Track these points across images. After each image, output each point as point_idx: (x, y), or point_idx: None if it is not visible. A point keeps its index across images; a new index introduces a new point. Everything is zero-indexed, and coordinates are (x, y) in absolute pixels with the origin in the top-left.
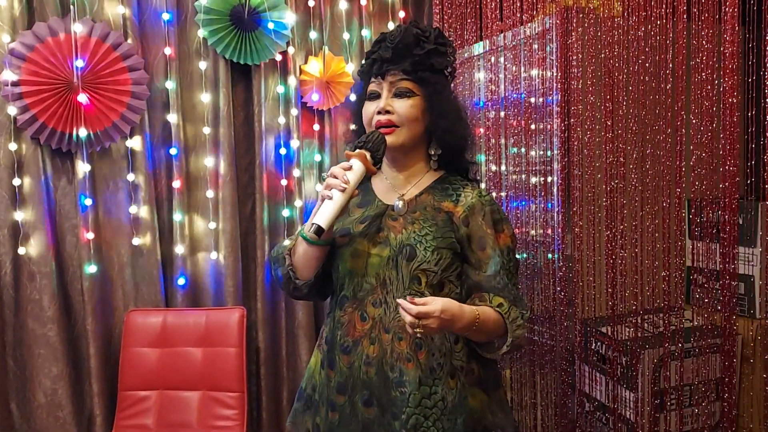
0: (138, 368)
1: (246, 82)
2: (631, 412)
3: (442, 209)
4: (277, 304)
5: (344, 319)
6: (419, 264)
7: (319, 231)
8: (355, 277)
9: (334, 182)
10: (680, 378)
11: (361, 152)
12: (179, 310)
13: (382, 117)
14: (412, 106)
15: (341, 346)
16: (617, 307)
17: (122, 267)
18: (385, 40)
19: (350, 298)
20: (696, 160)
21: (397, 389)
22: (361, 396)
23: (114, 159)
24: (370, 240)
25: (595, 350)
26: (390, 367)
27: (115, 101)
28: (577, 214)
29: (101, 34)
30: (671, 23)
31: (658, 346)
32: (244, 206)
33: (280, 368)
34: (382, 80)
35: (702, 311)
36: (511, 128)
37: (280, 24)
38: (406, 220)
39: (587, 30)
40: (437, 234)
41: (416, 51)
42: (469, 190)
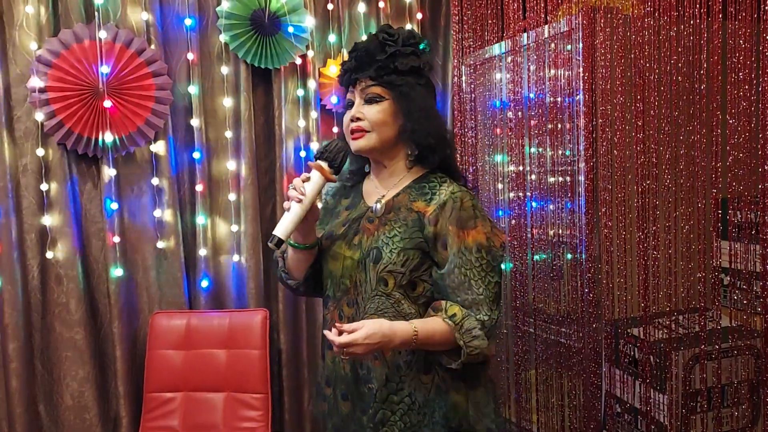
0: (163, 370)
1: (266, 86)
2: (662, 415)
3: (413, 209)
4: (298, 306)
5: (328, 317)
6: (385, 266)
7: (278, 243)
8: (334, 279)
9: (292, 194)
10: (718, 379)
11: (317, 163)
12: (203, 312)
13: (353, 124)
14: (380, 111)
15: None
16: (649, 308)
17: (147, 270)
18: (354, 50)
19: (332, 297)
20: (733, 160)
21: (365, 385)
22: (340, 390)
23: (138, 163)
24: (347, 243)
25: (625, 352)
26: (359, 364)
27: (140, 106)
28: (605, 215)
29: (125, 40)
30: (706, 23)
31: (690, 348)
32: (264, 209)
33: (301, 369)
34: (353, 89)
35: (741, 314)
36: (535, 128)
37: (300, 28)
38: (381, 222)
39: (616, 30)
40: (404, 235)
41: (379, 56)
42: (445, 188)
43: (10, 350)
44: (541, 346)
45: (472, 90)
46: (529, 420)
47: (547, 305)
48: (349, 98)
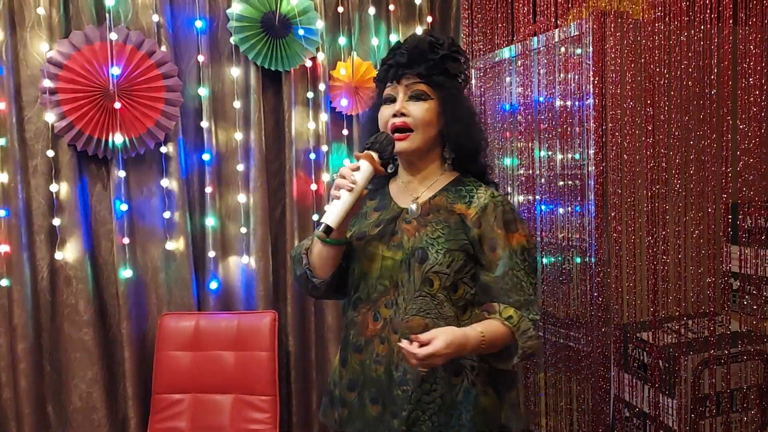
0: (171, 371)
1: (276, 88)
2: (671, 419)
3: (454, 211)
4: (307, 308)
5: (357, 319)
6: (431, 267)
7: (327, 230)
8: (369, 279)
9: (342, 182)
10: (727, 384)
11: (368, 153)
12: (211, 313)
13: (397, 120)
14: (427, 109)
15: (353, 345)
16: (658, 312)
17: (156, 271)
18: (401, 47)
19: (364, 299)
20: (743, 165)
21: (399, 388)
22: (369, 393)
23: (148, 165)
24: (384, 243)
25: (634, 356)
26: (395, 366)
27: (150, 108)
28: (615, 219)
29: (136, 41)
30: (716, 28)
31: (699, 352)
32: (274, 211)
33: (310, 372)
34: (397, 84)
35: (750, 318)
36: (544, 132)
37: (310, 30)
38: (420, 223)
39: (626, 35)
40: (449, 236)
41: (431, 56)
42: (483, 191)
43: (19, 351)
44: (550, 349)
45: (482, 93)
46: (538, 423)
47: (557, 309)
48: (389, 93)
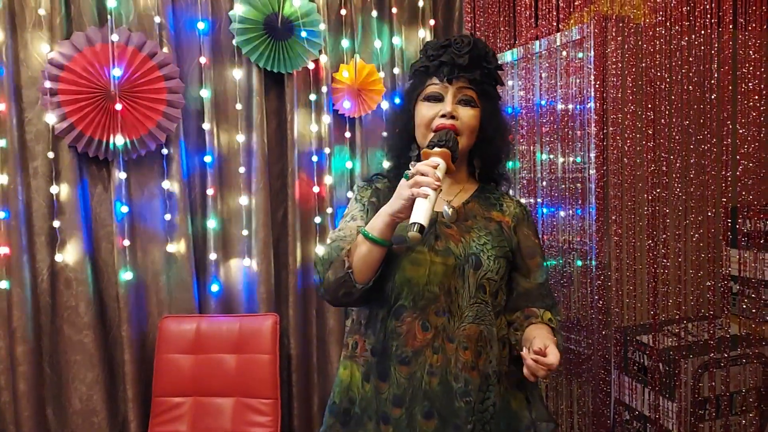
0: (172, 374)
1: (278, 90)
2: (671, 422)
3: (492, 218)
4: (308, 311)
5: (402, 329)
6: (485, 273)
7: (422, 229)
8: (415, 286)
9: (426, 180)
10: (727, 387)
11: (446, 152)
12: (213, 316)
13: (446, 121)
14: (474, 116)
15: (398, 357)
16: (658, 316)
17: (156, 274)
18: (451, 45)
19: (409, 307)
20: (743, 170)
21: (462, 399)
22: (421, 408)
23: (149, 167)
24: (430, 248)
25: (634, 359)
26: (454, 377)
27: (151, 110)
28: (616, 222)
29: (138, 43)
30: (717, 33)
31: (699, 355)
32: (276, 213)
33: (311, 375)
34: (448, 85)
35: (750, 322)
36: (546, 135)
37: (313, 32)
38: (461, 229)
39: (627, 39)
40: (494, 243)
41: (486, 63)
42: (509, 200)
43: (18, 353)
44: None
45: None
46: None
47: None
48: (437, 91)
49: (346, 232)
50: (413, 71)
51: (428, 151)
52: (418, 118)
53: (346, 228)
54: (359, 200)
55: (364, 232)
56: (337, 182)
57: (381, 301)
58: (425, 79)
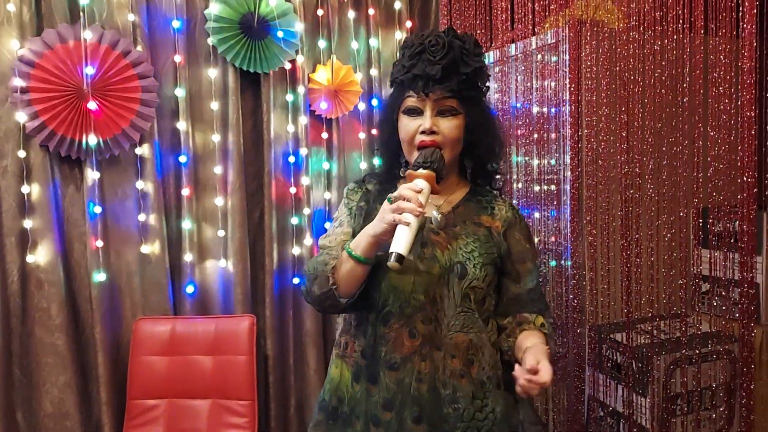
0: (147, 377)
1: (254, 90)
2: (643, 418)
3: (482, 223)
4: (285, 312)
5: (390, 335)
6: (470, 282)
7: (400, 259)
8: (401, 294)
9: (409, 207)
10: (697, 383)
11: (431, 174)
12: (188, 318)
13: (427, 138)
14: (456, 126)
15: (387, 363)
16: (632, 314)
17: (130, 275)
18: (425, 51)
19: (396, 314)
20: (713, 171)
21: (450, 406)
22: (410, 412)
23: (123, 166)
24: (415, 255)
25: (608, 356)
26: (442, 384)
27: (125, 108)
28: (591, 223)
29: (111, 41)
30: (688, 38)
31: (670, 352)
32: (252, 214)
33: (288, 376)
34: (425, 98)
35: (719, 319)
36: (522, 138)
37: (290, 33)
38: (449, 235)
39: (601, 43)
40: (482, 250)
41: (463, 69)
42: (501, 203)
43: None
44: None
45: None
46: None
47: None
48: (415, 105)
49: (333, 241)
50: (391, 81)
51: (412, 173)
52: (400, 132)
53: (333, 235)
54: (347, 204)
55: (349, 251)
56: (314, 183)
57: (370, 306)
58: (403, 91)
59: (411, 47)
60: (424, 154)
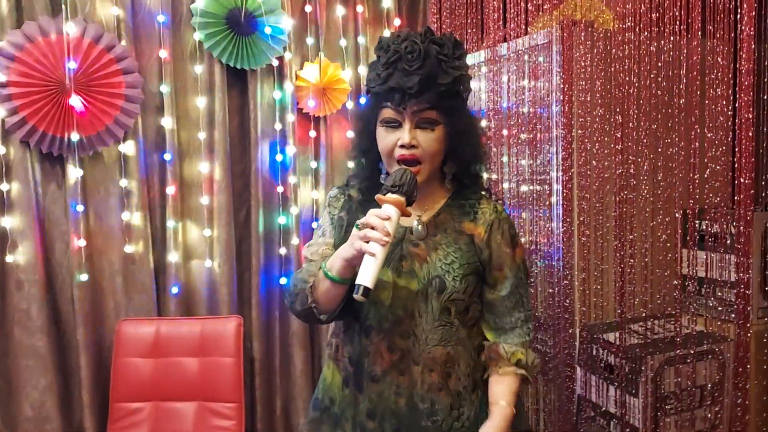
0: (131, 379)
1: (241, 87)
2: (634, 417)
3: (463, 231)
4: (271, 314)
5: (371, 348)
6: (450, 295)
7: (366, 293)
8: (380, 308)
9: (375, 236)
10: (692, 383)
11: (400, 200)
12: (173, 319)
13: (406, 152)
14: (436, 139)
15: (369, 375)
16: (624, 314)
17: (113, 275)
18: (401, 59)
19: (375, 328)
20: (710, 173)
21: (429, 419)
22: (390, 425)
23: (106, 164)
24: (394, 270)
25: (597, 356)
26: (420, 398)
27: (109, 104)
28: (584, 223)
29: (94, 35)
30: (685, 40)
31: (661, 353)
32: (238, 213)
33: (273, 378)
34: (403, 110)
35: (712, 320)
36: (513, 138)
37: (277, 29)
38: (429, 246)
39: (596, 43)
40: (462, 261)
41: (441, 80)
42: (485, 205)
43: None
44: None
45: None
46: None
47: None
48: (393, 117)
49: (314, 253)
50: (367, 89)
51: (381, 198)
52: (379, 143)
53: (315, 245)
54: (330, 213)
55: (325, 271)
56: (301, 182)
57: (356, 314)
58: (380, 101)
59: (386, 52)
60: (393, 177)
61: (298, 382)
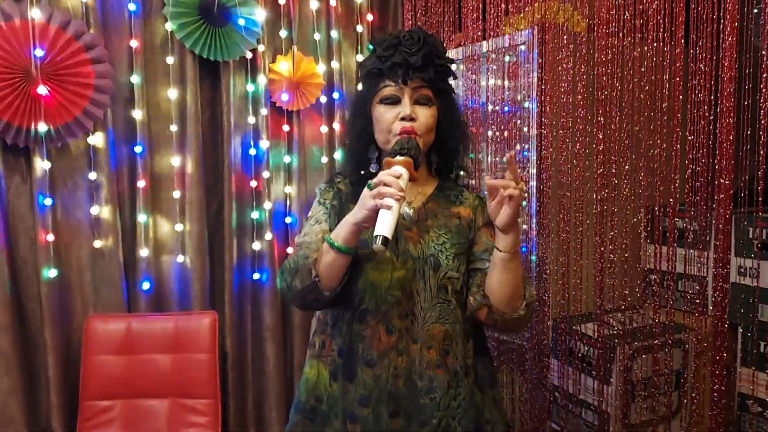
0: (101, 377)
1: (212, 79)
2: (605, 404)
3: (452, 215)
4: (244, 308)
5: (366, 332)
6: (445, 273)
7: (386, 242)
8: (377, 290)
9: (389, 191)
10: (654, 371)
11: (408, 160)
12: (145, 315)
13: (407, 124)
14: (432, 115)
15: (364, 359)
16: (604, 306)
17: (82, 271)
18: (401, 43)
19: (372, 311)
20: (690, 173)
21: (426, 396)
22: (387, 408)
23: (74, 156)
24: (391, 252)
25: (572, 347)
26: (419, 375)
27: (78, 95)
28: (563, 219)
29: (61, 22)
30: (669, 47)
31: (629, 342)
32: (210, 208)
33: (246, 373)
34: (404, 86)
35: (678, 312)
36: (482, 135)
37: (251, 21)
38: (421, 229)
39: (579, 47)
40: (454, 241)
41: (438, 60)
42: (469, 194)
43: None
44: (493, 343)
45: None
46: None
47: None
48: (393, 94)
49: (311, 237)
50: (365, 72)
51: (390, 160)
52: (377, 122)
53: (311, 232)
54: (322, 203)
55: (330, 241)
56: (274, 177)
57: (346, 304)
58: (379, 81)
59: (384, 42)
60: (400, 142)
61: (271, 377)
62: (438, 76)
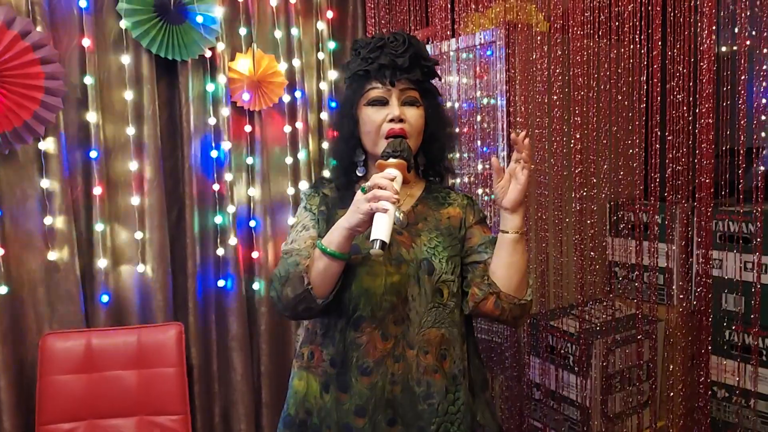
0: (60, 398)
1: (170, 79)
2: (582, 397)
3: (442, 217)
4: (208, 318)
5: (361, 339)
6: (439, 276)
7: (384, 246)
8: (372, 297)
9: (385, 194)
10: (627, 362)
11: (402, 162)
12: (106, 330)
13: (396, 125)
14: (420, 116)
15: (360, 368)
16: (585, 300)
17: (34, 285)
18: (387, 45)
19: (368, 317)
20: (671, 172)
21: (425, 402)
22: (384, 416)
23: (23, 163)
24: (383, 256)
25: (549, 344)
26: (416, 381)
27: (27, 98)
28: (542, 219)
29: (5, 19)
30: (646, 48)
31: (603, 336)
32: (170, 213)
33: (212, 384)
34: (391, 87)
35: (645, 304)
36: (462, 136)
37: (209, 18)
38: (412, 233)
39: (555, 48)
40: (446, 244)
41: (424, 62)
42: (456, 195)
43: None
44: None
45: None
46: None
47: None
48: (381, 96)
49: (299, 244)
50: (350, 75)
51: (383, 163)
52: (364, 124)
53: (299, 239)
54: (309, 209)
55: (322, 247)
56: (236, 179)
57: (339, 312)
58: (365, 83)
59: (369, 44)
60: (392, 145)
61: (238, 387)
62: (424, 77)
